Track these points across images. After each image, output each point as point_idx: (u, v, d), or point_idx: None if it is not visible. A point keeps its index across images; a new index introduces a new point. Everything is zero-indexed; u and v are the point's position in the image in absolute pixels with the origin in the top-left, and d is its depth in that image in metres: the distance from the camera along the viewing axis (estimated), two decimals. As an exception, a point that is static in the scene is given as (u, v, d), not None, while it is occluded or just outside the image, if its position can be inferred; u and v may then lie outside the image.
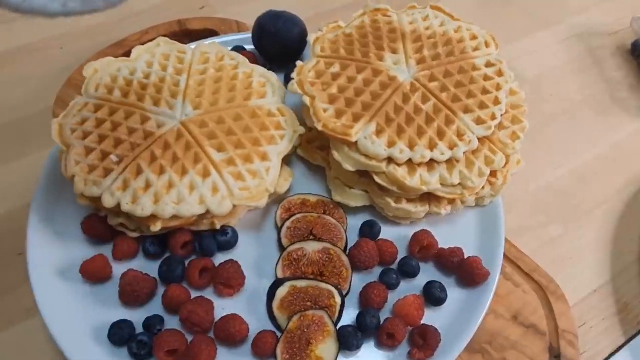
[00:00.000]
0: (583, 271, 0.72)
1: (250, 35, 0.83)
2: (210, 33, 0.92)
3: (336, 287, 0.59)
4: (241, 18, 0.96)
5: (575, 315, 0.67)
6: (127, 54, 0.86)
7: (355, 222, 0.66)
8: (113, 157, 0.60)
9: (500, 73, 0.69)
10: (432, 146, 0.63)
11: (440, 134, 0.63)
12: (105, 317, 0.57)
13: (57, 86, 0.84)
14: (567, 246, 0.75)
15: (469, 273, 0.61)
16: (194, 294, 0.59)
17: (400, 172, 0.62)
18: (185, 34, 0.92)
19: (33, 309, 0.63)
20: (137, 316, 0.57)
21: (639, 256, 0.73)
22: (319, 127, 0.63)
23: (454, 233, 0.66)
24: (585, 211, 0.79)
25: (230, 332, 0.54)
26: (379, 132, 0.63)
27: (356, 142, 0.62)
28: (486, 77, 0.69)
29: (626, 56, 1.00)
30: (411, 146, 0.62)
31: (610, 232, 0.76)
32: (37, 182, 0.67)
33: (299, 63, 0.70)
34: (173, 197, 0.58)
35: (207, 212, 0.59)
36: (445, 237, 0.65)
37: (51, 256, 0.61)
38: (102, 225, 0.61)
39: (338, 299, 0.58)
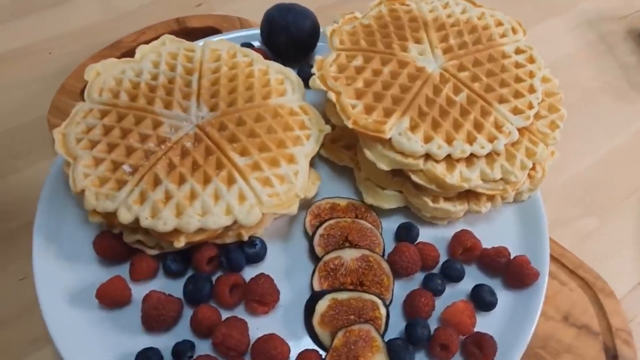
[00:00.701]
0: (625, 263, 0.69)
1: (256, 31, 0.78)
2: (211, 31, 0.86)
3: (379, 297, 0.54)
4: (241, 14, 0.91)
5: (624, 310, 0.64)
6: (125, 55, 0.80)
7: (388, 226, 0.62)
8: (126, 168, 0.54)
9: (532, 60, 0.66)
10: (471, 140, 0.58)
11: (478, 126, 0.59)
12: (128, 345, 0.51)
13: (49, 94, 0.78)
14: (605, 239, 0.71)
15: (517, 274, 0.57)
16: (224, 314, 0.53)
17: (440, 170, 0.57)
18: (185, 33, 0.86)
19: (40, 340, 0.58)
20: (163, 343, 0.52)
21: (677, 245, 0.71)
22: (349, 124, 0.58)
23: (494, 232, 0.62)
24: (618, 201, 0.76)
25: (270, 354, 0.49)
26: (413, 127, 0.59)
27: (390, 139, 0.58)
28: (518, 65, 0.65)
29: (638, 40, 0.98)
30: (449, 141, 0.58)
31: (646, 221, 0.73)
32: (38, 199, 0.60)
33: (317, 57, 0.65)
34: (197, 208, 0.52)
35: (234, 223, 0.54)
36: (485, 237, 0.61)
37: (62, 281, 0.55)
38: (117, 243, 0.55)
39: (383, 311, 0.53)
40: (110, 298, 0.52)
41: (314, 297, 0.54)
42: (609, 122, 0.86)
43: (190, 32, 0.86)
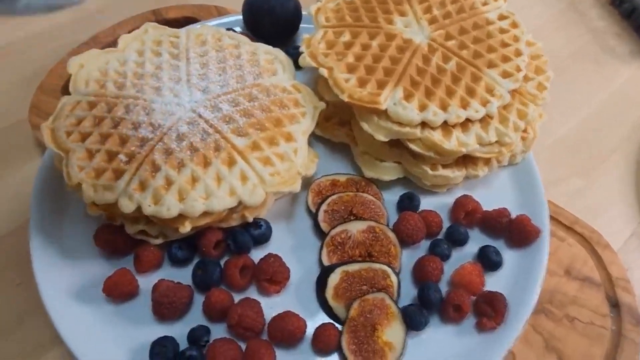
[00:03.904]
0: (614, 218, 0.71)
1: (237, 17, 0.78)
2: (189, 22, 0.84)
3: (389, 266, 0.54)
4: (217, 3, 0.89)
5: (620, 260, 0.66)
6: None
7: (389, 198, 0.62)
8: (122, 157, 0.53)
9: (515, 25, 0.67)
10: (465, 105, 0.59)
11: (471, 92, 0.60)
12: (141, 337, 0.50)
13: (27, 95, 0.75)
14: (593, 196, 0.74)
15: (520, 232, 0.58)
16: (236, 297, 0.53)
17: (437, 136, 0.58)
18: (162, 24, 0.83)
19: (45, 345, 0.56)
20: (176, 330, 0.51)
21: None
22: (345, 98, 0.58)
23: (493, 195, 0.63)
24: (601, 160, 0.78)
25: (288, 330, 0.49)
26: (408, 96, 0.59)
27: (386, 110, 0.58)
28: (502, 30, 0.66)
29: (607, 6, 1.01)
30: (444, 107, 0.59)
31: (631, 175, 0.76)
32: (26, 204, 0.58)
33: (305, 36, 0.65)
34: (201, 191, 0.51)
35: (238, 204, 0.53)
36: (485, 201, 0.62)
37: (65, 280, 0.53)
38: (119, 235, 0.54)
39: (394, 279, 0.54)
40: (118, 291, 0.51)
41: (325, 272, 0.54)
42: (586, 86, 0.89)
43: (168, 24, 0.83)
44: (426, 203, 0.62)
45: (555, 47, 0.95)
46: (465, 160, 0.62)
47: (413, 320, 0.51)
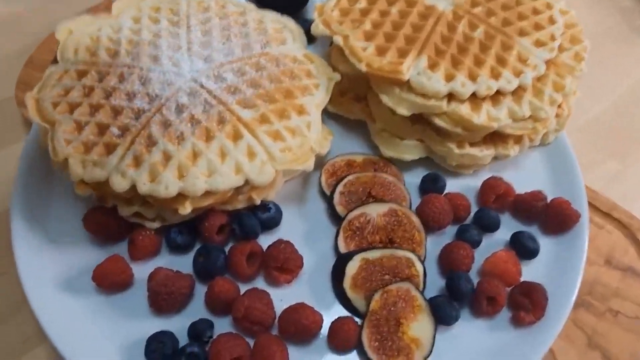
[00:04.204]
0: (654, 204, 0.66)
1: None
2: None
3: (414, 253, 0.48)
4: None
5: (663, 250, 0.60)
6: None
7: (410, 180, 0.56)
8: (114, 130, 0.47)
9: (546, -9, 0.61)
10: (496, 75, 0.53)
11: (501, 61, 0.54)
12: (135, 331, 0.45)
13: (14, 73, 0.69)
14: (630, 180, 0.68)
15: (557, 217, 0.52)
16: (242, 287, 0.47)
17: (465, 110, 0.52)
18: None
19: (32, 339, 0.51)
20: (176, 325, 0.45)
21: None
22: (363, 67, 0.53)
23: (524, 177, 0.58)
24: (636, 142, 0.72)
25: (302, 325, 0.43)
26: (432, 66, 0.53)
27: (408, 80, 0.52)
28: (533, -3, 0.60)
29: (634, -17, 0.95)
30: (473, 78, 0.53)
31: (669, 159, 0.70)
32: (12, 182, 0.52)
33: (317, 3, 0.59)
34: (203, 168, 0.46)
35: (245, 184, 0.47)
36: (515, 183, 0.56)
37: (50, 268, 0.48)
38: (111, 218, 0.48)
39: (420, 267, 0.48)
40: (110, 280, 0.45)
41: (342, 260, 0.48)
42: (616, 66, 0.83)
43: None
44: (450, 185, 0.56)
45: (585, 25, 0.89)
46: (494, 138, 0.56)
47: (443, 314, 0.45)
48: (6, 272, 0.55)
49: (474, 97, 0.53)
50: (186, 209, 0.45)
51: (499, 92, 0.53)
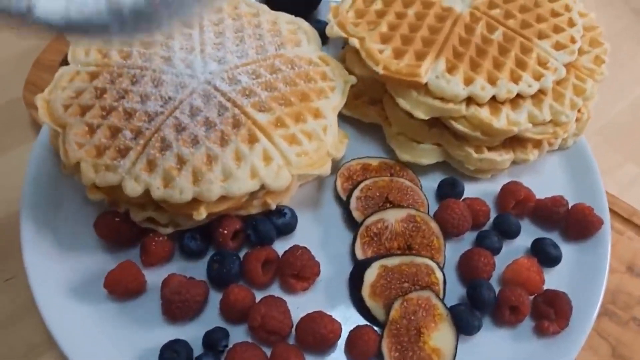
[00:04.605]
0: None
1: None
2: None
3: (433, 260, 0.47)
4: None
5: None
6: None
7: (427, 185, 0.55)
8: (127, 133, 0.46)
9: (565, -7, 0.60)
10: (516, 79, 0.52)
11: (521, 64, 0.53)
12: (148, 340, 0.43)
13: (22, 73, 0.68)
14: (650, 185, 0.66)
15: (579, 224, 0.51)
16: (257, 295, 0.46)
17: (484, 114, 0.51)
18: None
19: (40, 346, 0.49)
20: (190, 333, 0.44)
21: None
22: (380, 70, 0.51)
23: (543, 182, 0.56)
24: (655, 146, 0.71)
25: (320, 334, 0.42)
26: (451, 69, 0.52)
27: (427, 83, 0.51)
28: (552, -1, 0.59)
29: (647, -15, 0.94)
30: (492, 81, 0.52)
31: (688, 163, 0.69)
32: (20, 186, 0.51)
33: (332, 4, 0.58)
34: (218, 173, 0.45)
35: (260, 189, 0.46)
36: (534, 189, 0.54)
37: (61, 274, 0.46)
38: (123, 223, 0.47)
39: (440, 275, 0.47)
40: (122, 287, 0.44)
41: (360, 267, 0.47)
42: (631, 67, 0.82)
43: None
44: (468, 190, 0.55)
45: (601, 25, 0.88)
46: (513, 142, 0.55)
47: (464, 323, 0.44)
48: (15, 275, 0.54)
49: (493, 100, 0.52)
50: (201, 215, 0.44)
51: (518, 96, 0.52)
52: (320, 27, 0.60)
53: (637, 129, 0.73)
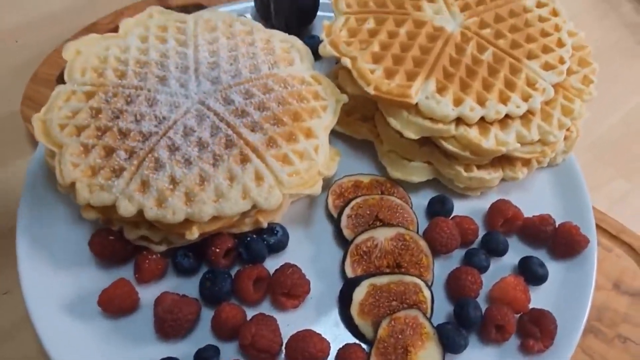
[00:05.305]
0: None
1: (248, 4, 0.72)
2: (197, 9, 0.78)
3: (421, 279, 0.48)
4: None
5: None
6: (103, 38, 0.72)
7: (417, 202, 0.56)
8: (122, 153, 0.47)
9: (555, 13, 0.61)
10: (504, 100, 0.53)
11: (510, 85, 0.54)
12: (141, 357, 0.44)
13: (20, 86, 0.69)
14: (639, 200, 0.67)
15: (566, 242, 0.52)
16: (249, 312, 0.47)
17: (474, 134, 0.52)
18: (167, 11, 0.78)
19: (36, 361, 0.50)
20: (182, 350, 0.45)
21: None
22: (371, 91, 0.52)
23: (532, 200, 0.57)
24: (645, 161, 0.72)
25: (309, 352, 0.43)
26: (441, 89, 0.53)
27: (417, 104, 0.52)
28: (542, 19, 0.60)
29: (641, -2, 0.95)
30: (481, 102, 0.53)
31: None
32: (17, 200, 0.52)
33: (325, 23, 0.59)
34: (210, 193, 0.45)
35: (252, 208, 0.47)
36: (522, 206, 0.55)
37: (56, 290, 0.47)
38: (117, 241, 0.48)
39: (427, 293, 0.48)
40: (116, 304, 0.45)
41: (350, 285, 0.48)
42: (623, 82, 0.83)
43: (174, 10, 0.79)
44: (458, 207, 0.56)
45: (591, 40, 0.89)
46: (502, 160, 0.56)
47: (451, 342, 0.45)
48: (10, 290, 0.55)
49: (482, 120, 0.53)
50: (193, 235, 0.45)
51: (507, 116, 0.53)
52: (314, 42, 0.61)
53: (628, 144, 0.74)
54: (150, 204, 0.44)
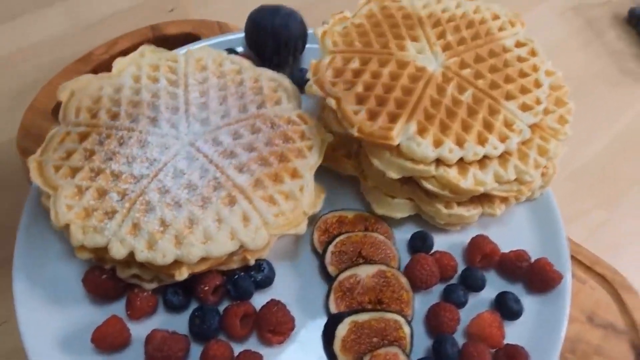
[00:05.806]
0: (638, 253, 0.68)
1: (239, 35, 0.74)
2: (190, 38, 0.81)
3: (402, 315, 0.50)
4: (218, 18, 0.86)
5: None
6: (97, 69, 0.74)
7: (400, 236, 0.58)
8: (114, 195, 0.49)
9: (533, 53, 0.63)
10: (482, 141, 0.55)
11: (488, 126, 0.56)
12: (132, 394, 0.46)
13: (16, 113, 0.71)
14: (616, 230, 0.70)
15: (541, 278, 0.54)
16: (235, 347, 0.49)
17: (453, 174, 0.54)
18: (161, 40, 0.80)
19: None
20: (171, 386, 0.47)
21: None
22: (354, 132, 0.55)
23: (509, 234, 0.59)
24: (625, 190, 0.74)
25: (292, 390, 0.45)
26: (422, 131, 0.55)
27: (399, 145, 0.54)
28: (520, 59, 0.62)
29: (624, 26, 0.98)
30: (460, 143, 0.55)
31: (655, 208, 0.72)
32: (12, 232, 0.54)
33: (312, 61, 0.61)
34: (199, 235, 0.48)
35: (240, 247, 0.49)
36: (500, 240, 0.58)
37: (50, 325, 0.49)
38: (110, 279, 0.50)
39: (407, 329, 0.50)
40: (108, 342, 0.47)
41: (333, 321, 0.50)
42: (605, 110, 0.85)
43: (167, 40, 0.81)
44: (439, 241, 0.58)
45: (575, 68, 0.91)
46: (481, 197, 0.58)
47: (428, 378, 0.47)
48: (7, 320, 0.57)
49: (461, 160, 0.55)
50: (182, 275, 0.47)
51: (485, 157, 0.55)
52: (302, 76, 0.63)
53: (607, 174, 0.76)
54: (141, 247, 0.46)
